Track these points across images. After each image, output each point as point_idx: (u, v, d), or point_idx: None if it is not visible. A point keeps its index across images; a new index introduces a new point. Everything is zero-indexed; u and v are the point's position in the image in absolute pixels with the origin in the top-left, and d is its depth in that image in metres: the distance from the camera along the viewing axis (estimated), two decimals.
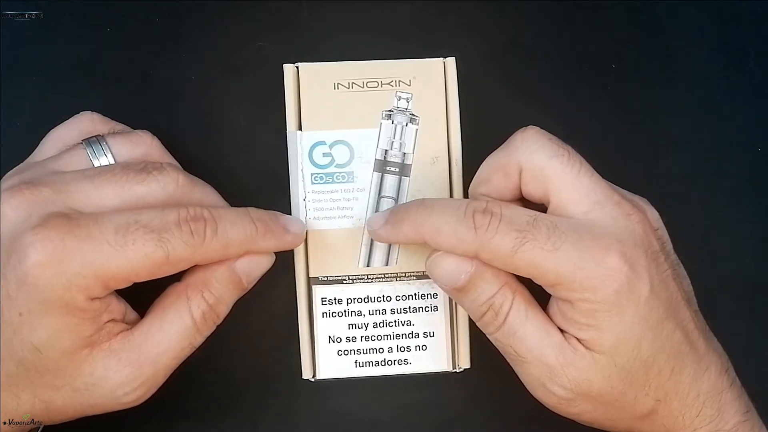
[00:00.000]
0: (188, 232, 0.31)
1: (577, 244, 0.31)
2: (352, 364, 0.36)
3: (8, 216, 0.31)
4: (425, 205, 0.33)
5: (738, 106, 0.42)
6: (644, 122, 0.42)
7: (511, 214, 0.31)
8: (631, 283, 0.31)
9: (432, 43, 0.40)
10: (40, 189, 0.31)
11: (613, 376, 0.32)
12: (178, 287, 0.33)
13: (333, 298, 0.36)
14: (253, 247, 0.33)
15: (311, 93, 0.36)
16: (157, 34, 0.41)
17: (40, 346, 0.30)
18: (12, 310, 0.30)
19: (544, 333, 0.32)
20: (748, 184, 0.42)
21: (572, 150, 0.33)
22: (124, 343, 0.32)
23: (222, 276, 0.33)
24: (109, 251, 0.30)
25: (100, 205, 0.31)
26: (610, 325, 0.31)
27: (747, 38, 0.43)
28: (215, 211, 0.32)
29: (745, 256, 0.42)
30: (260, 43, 0.41)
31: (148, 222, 0.31)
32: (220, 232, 0.32)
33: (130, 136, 0.35)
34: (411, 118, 0.36)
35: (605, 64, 0.42)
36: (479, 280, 0.32)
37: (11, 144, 0.40)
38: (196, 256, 0.32)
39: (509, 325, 0.32)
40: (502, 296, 0.32)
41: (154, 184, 0.33)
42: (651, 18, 0.43)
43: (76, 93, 0.41)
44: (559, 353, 0.32)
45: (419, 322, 0.36)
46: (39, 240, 0.29)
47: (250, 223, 0.33)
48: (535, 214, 0.32)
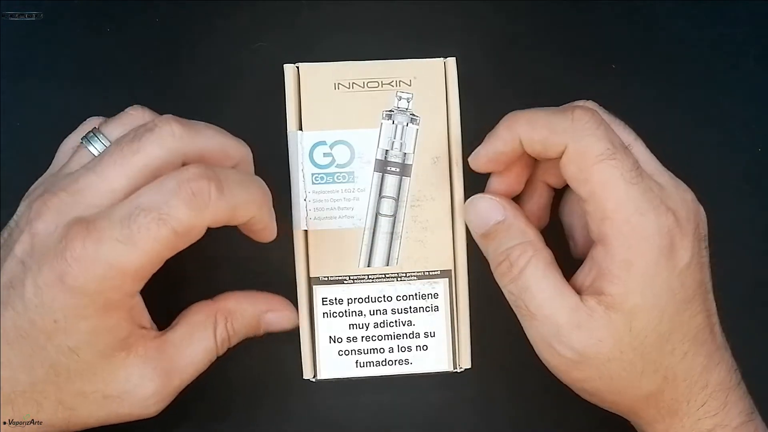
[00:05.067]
0: (189, 194, 0.29)
1: (647, 192, 0.32)
2: (353, 364, 0.36)
3: (39, 231, 0.31)
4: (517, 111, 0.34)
5: (738, 106, 0.42)
6: (645, 122, 0.42)
7: (612, 126, 0.33)
8: (675, 248, 0.32)
9: (432, 43, 0.40)
10: (59, 195, 0.31)
11: (625, 341, 0.32)
12: (209, 306, 0.34)
13: (334, 298, 0.36)
14: (262, 210, 0.33)
15: (312, 93, 0.36)
16: (157, 34, 0.41)
17: (76, 348, 0.30)
18: (46, 317, 0.30)
19: (558, 294, 0.32)
20: (748, 184, 0.42)
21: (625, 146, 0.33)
22: (158, 353, 0.32)
23: (247, 314, 0.35)
24: (121, 248, 0.29)
25: (111, 193, 0.31)
26: (639, 283, 0.31)
27: (747, 38, 0.43)
28: (221, 171, 0.31)
29: (745, 256, 0.42)
30: (260, 43, 0.41)
31: (147, 203, 0.30)
32: (227, 192, 0.30)
33: (120, 117, 0.35)
34: (411, 118, 0.36)
35: (605, 64, 0.42)
36: (505, 230, 0.34)
37: (11, 144, 0.40)
38: (204, 219, 0.30)
39: (524, 278, 0.33)
40: (520, 250, 0.33)
41: (149, 147, 0.31)
42: (651, 18, 0.43)
43: (76, 93, 0.41)
44: (572, 314, 0.32)
45: (420, 322, 0.36)
46: (66, 251, 0.29)
47: (259, 186, 0.33)
48: (632, 140, 0.34)
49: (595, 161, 0.31)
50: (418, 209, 0.36)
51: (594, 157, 0.31)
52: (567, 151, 0.32)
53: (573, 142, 0.32)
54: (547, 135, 0.32)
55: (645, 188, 0.32)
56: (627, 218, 0.31)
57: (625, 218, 0.31)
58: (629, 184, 0.31)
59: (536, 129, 0.33)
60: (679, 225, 0.32)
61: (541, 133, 0.32)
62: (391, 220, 0.36)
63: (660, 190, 0.33)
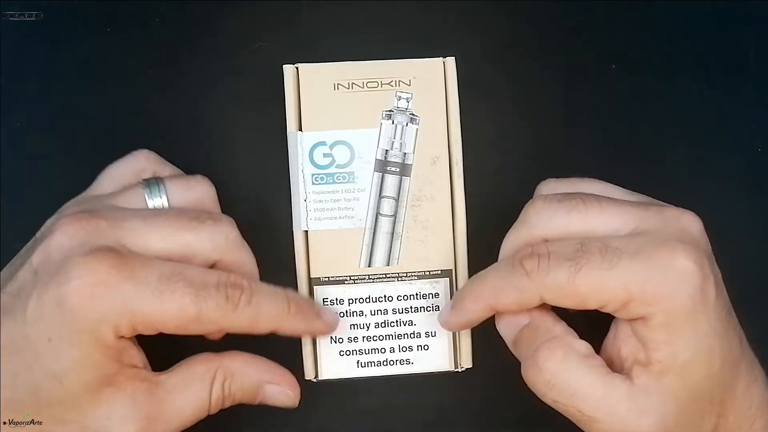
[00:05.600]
0: (224, 295, 0.31)
1: (636, 256, 0.30)
2: (354, 365, 0.36)
3: (63, 244, 0.31)
4: (477, 275, 0.33)
5: (738, 106, 0.42)
6: (644, 122, 0.42)
7: (557, 247, 0.31)
8: (702, 286, 0.30)
9: (432, 43, 0.40)
10: (97, 220, 0.31)
11: (684, 399, 0.30)
12: (212, 360, 0.33)
13: (335, 298, 0.36)
14: (281, 324, 0.33)
15: (311, 93, 0.36)
16: (157, 34, 0.41)
17: (61, 375, 0.30)
18: (42, 333, 0.30)
19: (610, 387, 0.30)
20: (748, 184, 0.42)
21: (584, 193, 0.33)
22: (147, 395, 0.31)
23: (249, 382, 0.34)
24: (148, 296, 0.30)
25: (148, 246, 0.31)
26: (685, 339, 0.30)
27: (747, 38, 0.43)
28: (254, 283, 0.32)
29: (745, 256, 0.41)
30: (260, 43, 0.41)
31: (190, 277, 0.31)
32: (254, 303, 0.32)
33: (187, 181, 0.35)
34: (411, 118, 0.36)
35: (605, 64, 0.42)
36: (531, 333, 0.32)
37: (11, 144, 0.40)
38: (225, 321, 0.31)
39: (562, 383, 0.31)
40: (549, 350, 0.31)
41: (204, 234, 0.32)
42: (651, 18, 0.43)
43: (76, 93, 0.40)
44: (631, 402, 0.30)
45: (421, 321, 0.36)
46: (85, 267, 0.29)
47: (284, 302, 0.33)
48: (583, 238, 0.31)
49: (570, 283, 0.30)
50: (418, 209, 0.36)
51: (567, 282, 0.30)
52: (544, 299, 0.31)
53: (544, 293, 0.31)
54: (516, 296, 0.31)
55: (636, 249, 0.30)
56: (643, 292, 0.30)
57: (640, 294, 0.30)
58: (613, 269, 0.30)
59: (503, 295, 0.32)
60: (696, 261, 0.30)
61: (510, 297, 0.32)
62: (392, 220, 0.36)
63: (659, 236, 0.31)
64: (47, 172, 0.40)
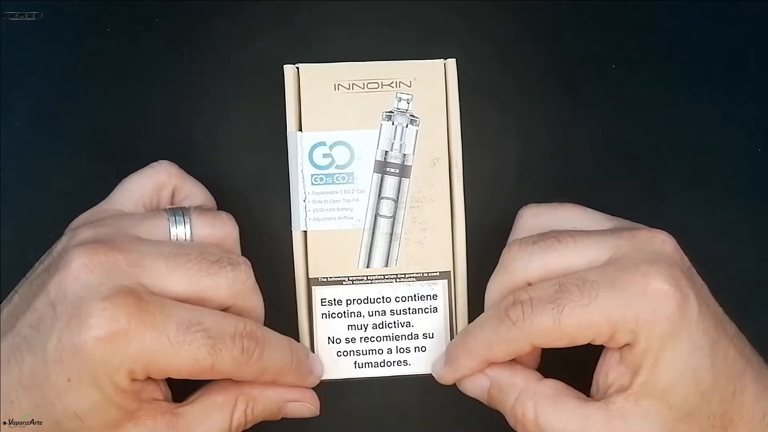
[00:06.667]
0: (240, 348, 0.31)
1: (613, 286, 0.30)
2: (351, 365, 0.36)
3: (81, 278, 0.30)
4: (466, 330, 0.34)
5: (738, 106, 0.42)
6: (644, 122, 0.42)
7: (537, 292, 0.32)
8: (681, 305, 0.30)
9: (432, 44, 0.40)
10: (116, 255, 0.31)
11: (670, 419, 0.31)
12: (232, 389, 0.33)
13: (332, 299, 0.36)
14: (281, 378, 0.33)
15: (311, 94, 0.36)
16: (157, 34, 0.41)
17: (82, 415, 0.30)
18: (61, 374, 0.29)
19: (584, 418, 0.31)
20: (748, 184, 0.42)
21: (558, 231, 0.33)
22: (167, 428, 0.31)
23: (271, 403, 0.34)
24: (166, 346, 0.30)
25: (167, 288, 0.31)
26: (666, 361, 0.30)
27: (747, 38, 0.43)
28: (266, 332, 0.33)
29: (745, 256, 0.41)
30: (260, 43, 0.41)
31: (209, 327, 0.31)
32: (265, 357, 0.32)
33: (213, 219, 0.35)
34: (411, 120, 0.36)
35: (605, 64, 0.42)
36: (498, 393, 0.33)
37: (11, 144, 0.40)
38: (236, 373, 0.32)
39: (543, 429, 0.32)
40: (521, 405, 0.32)
41: (223, 279, 0.32)
42: (651, 18, 0.42)
43: (76, 93, 0.41)
44: (609, 427, 0.31)
45: (419, 323, 0.37)
46: (105, 316, 0.29)
47: (288, 356, 0.33)
48: (560, 278, 0.32)
49: (556, 326, 0.31)
50: (417, 210, 0.36)
51: (553, 325, 0.31)
52: (535, 345, 0.32)
53: (533, 339, 0.31)
54: (507, 347, 0.32)
55: (612, 279, 0.31)
56: (624, 321, 0.30)
57: (623, 323, 0.30)
58: (593, 303, 0.30)
59: (495, 349, 0.33)
60: (670, 282, 0.30)
61: (502, 350, 0.32)
62: (391, 221, 0.36)
63: (631, 262, 0.31)
64: (47, 172, 0.40)
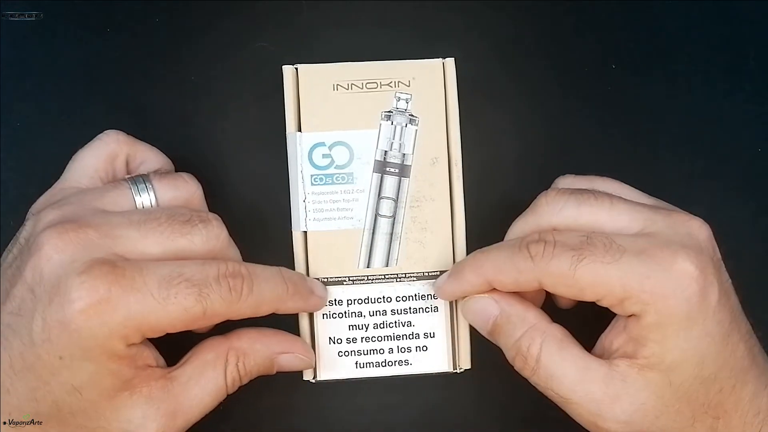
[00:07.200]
0: (227, 288, 0.31)
1: (639, 255, 0.30)
2: (352, 365, 0.36)
3: (52, 258, 0.30)
4: (481, 250, 0.34)
5: (738, 106, 0.42)
6: (644, 122, 0.42)
7: (564, 237, 0.32)
8: (703, 291, 0.30)
9: (431, 44, 0.40)
10: (86, 231, 0.31)
11: (668, 395, 0.31)
12: (221, 345, 0.33)
13: (333, 299, 0.36)
14: (281, 306, 0.33)
15: (310, 94, 0.36)
16: (157, 34, 0.41)
17: (80, 387, 0.30)
18: (52, 353, 0.30)
19: (585, 369, 0.31)
20: (748, 184, 0.42)
21: (598, 191, 0.33)
22: (163, 392, 0.32)
23: (261, 357, 0.34)
24: (152, 304, 0.30)
25: (144, 253, 0.31)
26: (675, 340, 0.30)
27: (747, 38, 0.43)
28: (251, 268, 0.32)
29: (745, 256, 0.41)
30: (260, 43, 0.41)
31: (190, 275, 0.31)
32: (255, 290, 0.32)
33: (175, 180, 0.35)
34: (410, 119, 0.36)
35: (605, 64, 0.42)
36: (505, 323, 0.33)
37: (11, 144, 0.40)
38: (230, 312, 0.32)
39: (544, 367, 0.32)
40: (528, 339, 0.32)
41: (197, 237, 0.32)
42: (651, 18, 0.43)
43: (76, 93, 0.41)
44: (607, 386, 0.31)
45: (420, 322, 0.37)
46: (85, 288, 0.29)
47: (282, 283, 0.33)
48: (590, 232, 0.32)
49: (571, 273, 0.31)
50: (417, 210, 0.36)
51: (568, 271, 0.31)
52: (543, 285, 0.32)
53: (543, 278, 0.31)
54: (516, 276, 0.32)
55: (640, 249, 0.31)
56: (640, 290, 0.30)
57: (638, 292, 0.30)
58: (615, 264, 0.30)
59: (503, 273, 0.32)
60: (697, 265, 0.30)
61: (509, 276, 0.32)
62: (391, 221, 0.36)
63: (663, 238, 0.31)
64: (47, 172, 0.40)
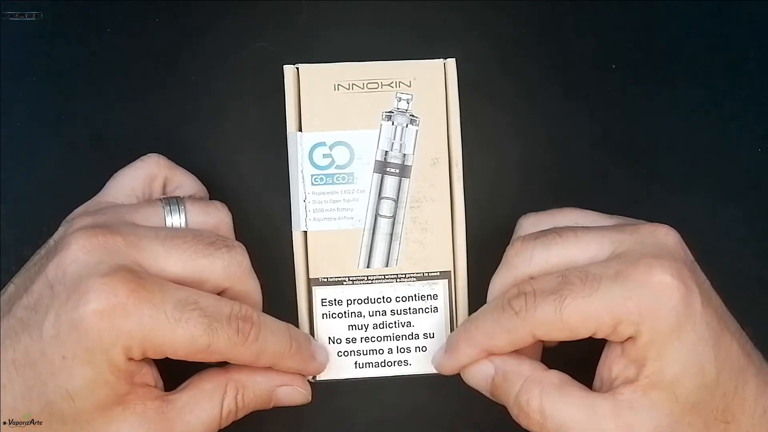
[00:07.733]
0: (235, 328, 0.31)
1: (616, 278, 0.31)
2: (352, 366, 0.36)
3: (80, 258, 0.30)
4: (468, 319, 0.34)
5: (738, 106, 0.42)
6: (644, 122, 0.42)
7: (541, 284, 0.32)
8: (685, 297, 0.30)
9: (432, 44, 0.40)
10: (114, 237, 0.31)
11: (677, 411, 0.31)
12: (220, 376, 0.33)
13: (333, 299, 0.36)
14: (280, 362, 0.33)
15: (311, 94, 0.36)
16: (157, 34, 0.41)
17: (74, 394, 0.30)
18: (57, 351, 0.30)
19: (591, 408, 0.31)
20: (748, 184, 0.42)
21: (560, 227, 0.34)
22: (157, 414, 0.31)
23: (260, 390, 0.34)
24: (163, 322, 0.30)
25: (165, 269, 0.32)
26: (672, 353, 0.30)
27: (747, 38, 0.43)
28: (262, 317, 0.33)
29: (745, 256, 0.41)
30: (260, 43, 0.41)
31: (204, 306, 0.31)
32: (261, 339, 0.32)
33: (207, 207, 0.36)
34: (411, 119, 0.36)
35: (605, 64, 0.42)
36: (503, 381, 0.33)
37: (11, 144, 0.40)
38: (231, 354, 0.32)
39: (550, 418, 0.32)
40: (526, 393, 0.32)
41: (218, 261, 0.33)
42: (651, 18, 0.42)
43: (76, 93, 0.41)
44: (618, 418, 0.31)
45: (419, 323, 0.37)
46: (105, 290, 0.29)
47: (287, 340, 0.33)
48: (563, 271, 0.32)
49: (558, 316, 0.31)
50: (417, 210, 0.36)
51: (554, 316, 0.31)
52: (536, 336, 0.32)
53: (534, 330, 0.31)
54: (509, 337, 0.32)
55: (615, 272, 0.31)
56: (627, 312, 0.30)
57: (626, 314, 0.30)
58: (595, 294, 0.30)
59: (496, 338, 0.32)
60: (674, 274, 0.30)
61: (503, 339, 0.32)
62: (391, 221, 0.36)
63: (634, 255, 0.31)
64: (47, 172, 0.40)
